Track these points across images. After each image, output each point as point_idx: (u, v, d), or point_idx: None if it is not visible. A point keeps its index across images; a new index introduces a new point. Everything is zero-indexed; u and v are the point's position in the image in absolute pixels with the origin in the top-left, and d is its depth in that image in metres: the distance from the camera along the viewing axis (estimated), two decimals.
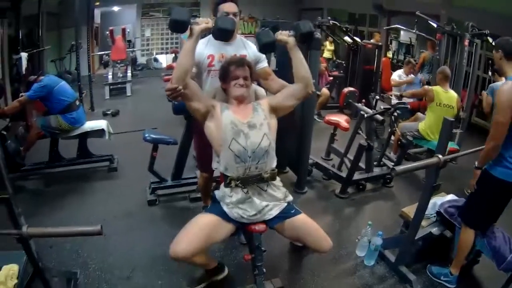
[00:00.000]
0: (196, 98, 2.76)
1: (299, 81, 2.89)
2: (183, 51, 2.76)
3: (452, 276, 3.22)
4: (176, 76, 2.66)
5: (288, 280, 3.25)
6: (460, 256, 3.21)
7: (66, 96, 4.99)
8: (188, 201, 4.51)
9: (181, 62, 2.71)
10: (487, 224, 3.12)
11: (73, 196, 4.62)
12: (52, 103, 4.88)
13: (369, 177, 5.02)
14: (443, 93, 5.21)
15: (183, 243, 2.62)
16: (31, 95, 4.78)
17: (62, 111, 4.91)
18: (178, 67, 2.71)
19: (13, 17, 7.08)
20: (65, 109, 4.93)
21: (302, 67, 2.88)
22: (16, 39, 7.04)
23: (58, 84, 4.96)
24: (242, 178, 2.72)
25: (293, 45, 2.86)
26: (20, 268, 2.63)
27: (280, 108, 2.91)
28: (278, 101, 2.92)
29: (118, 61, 10.45)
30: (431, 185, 3.01)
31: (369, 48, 8.79)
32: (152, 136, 4.43)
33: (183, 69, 2.67)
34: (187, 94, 2.71)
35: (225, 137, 2.68)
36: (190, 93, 2.72)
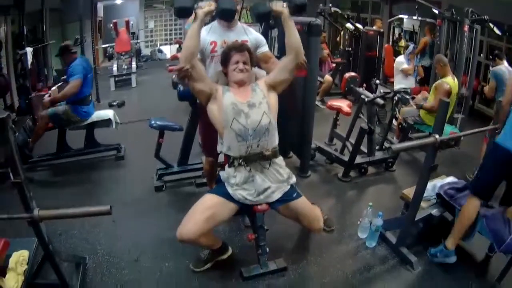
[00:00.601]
0: (202, 80, 2.88)
1: (291, 50, 2.98)
2: (189, 34, 2.88)
3: (448, 250, 3.23)
4: (183, 56, 2.81)
5: (291, 261, 3.32)
6: (458, 228, 3.21)
7: (88, 88, 5.07)
8: (194, 187, 4.59)
9: (187, 44, 2.85)
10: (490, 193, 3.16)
11: (81, 185, 4.70)
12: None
13: (371, 160, 5.06)
14: (453, 83, 5.20)
15: (188, 226, 2.76)
16: (80, 76, 4.79)
17: (77, 102, 4.95)
18: (184, 48, 2.86)
19: (17, 13, 7.12)
20: (80, 100, 4.98)
21: (294, 37, 2.97)
22: (21, 35, 7.09)
23: (90, 74, 5.06)
24: (245, 157, 2.84)
25: (287, 16, 2.95)
26: (31, 254, 2.71)
27: (276, 83, 3.01)
28: (273, 77, 3.02)
29: (122, 53, 10.46)
30: (429, 165, 3.07)
31: (371, 35, 8.81)
32: (158, 123, 4.48)
33: (189, 50, 2.81)
34: (194, 75, 2.83)
35: (226, 118, 2.79)
36: (196, 74, 2.84)
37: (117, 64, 10.24)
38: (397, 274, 3.27)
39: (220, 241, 3.20)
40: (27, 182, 2.24)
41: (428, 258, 3.40)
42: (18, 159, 2.18)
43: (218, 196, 2.90)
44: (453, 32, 6.40)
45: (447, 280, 3.18)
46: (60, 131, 5.22)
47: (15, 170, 2.17)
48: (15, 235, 3.07)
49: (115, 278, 3.13)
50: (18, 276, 2.52)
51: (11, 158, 2.15)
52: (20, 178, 2.18)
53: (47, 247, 2.46)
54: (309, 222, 3.19)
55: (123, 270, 3.22)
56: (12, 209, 2.25)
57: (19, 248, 2.69)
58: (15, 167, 2.16)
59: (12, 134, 2.14)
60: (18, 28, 7.31)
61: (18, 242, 2.75)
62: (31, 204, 2.24)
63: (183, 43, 2.95)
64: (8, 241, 2.57)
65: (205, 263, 3.18)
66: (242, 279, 3.10)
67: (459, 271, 3.27)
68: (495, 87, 5.21)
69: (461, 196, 3.39)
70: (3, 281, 2.45)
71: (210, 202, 2.88)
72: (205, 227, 2.80)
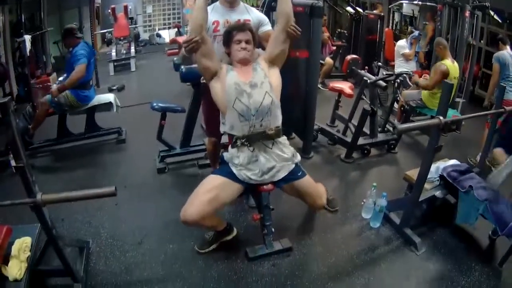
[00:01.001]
0: (210, 56, 2.87)
1: (281, 18, 2.96)
2: (195, 7, 2.86)
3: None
4: (191, 28, 2.83)
5: (296, 241, 3.33)
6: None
7: (89, 73, 5.03)
8: (196, 168, 4.60)
9: (194, 16, 2.84)
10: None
11: (83, 169, 4.69)
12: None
13: (374, 142, 5.07)
14: (453, 66, 5.19)
15: (192, 207, 2.75)
16: (85, 60, 4.77)
17: (78, 86, 4.91)
18: (192, 20, 2.88)
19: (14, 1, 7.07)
20: (81, 85, 4.94)
21: (287, 3, 2.96)
22: (19, 23, 7.04)
23: (92, 59, 5.03)
24: (247, 136, 2.83)
25: None
26: (33, 241, 2.68)
27: (274, 57, 3.00)
28: (270, 52, 3.01)
29: (121, 38, 10.45)
30: (433, 146, 3.05)
31: (372, 18, 8.79)
32: (160, 105, 4.47)
33: (197, 22, 2.79)
34: (203, 49, 2.82)
35: (229, 98, 2.78)
36: (206, 48, 2.83)
37: (116, 49, 10.20)
38: (401, 255, 3.27)
39: (224, 222, 3.20)
40: (29, 167, 2.21)
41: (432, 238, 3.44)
42: (20, 144, 2.15)
43: (222, 176, 2.89)
44: (454, 18, 6.38)
45: (450, 261, 3.19)
46: (61, 116, 5.19)
47: (17, 155, 2.14)
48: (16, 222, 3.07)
49: (119, 261, 3.13)
50: (21, 263, 2.49)
51: (13, 142, 2.12)
52: (22, 163, 2.15)
53: (51, 232, 2.45)
54: (313, 200, 3.21)
55: (127, 253, 3.22)
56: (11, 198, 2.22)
57: (22, 235, 2.66)
58: (17, 151, 2.13)
59: (14, 119, 2.10)
60: (16, 16, 7.25)
61: (20, 229, 2.73)
62: (34, 188, 2.21)
63: (191, 16, 2.93)
64: (10, 228, 2.55)
65: (210, 244, 3.17)
66: (247, 260, 3.11)
67: (462, 253, 3.28)
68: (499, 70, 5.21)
69: (464, 178, 3.39)
70: (6, 269, 2.43)
71: (214, 182, 2.87)
72: (209, 209, 2.79)
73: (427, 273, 3.08)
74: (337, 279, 2.99)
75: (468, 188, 3.25)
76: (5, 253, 2.47)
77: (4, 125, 2.06)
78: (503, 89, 3.89)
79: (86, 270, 2.96)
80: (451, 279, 3.01)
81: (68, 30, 5.01)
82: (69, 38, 4.95)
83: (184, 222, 2.79)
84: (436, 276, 3.06)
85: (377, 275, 3.02)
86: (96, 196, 2.28)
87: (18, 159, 2.15)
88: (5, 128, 2.07)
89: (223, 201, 2.89)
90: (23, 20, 7.07)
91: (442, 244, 3.39)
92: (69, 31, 4.98)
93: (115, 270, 3.04)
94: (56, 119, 5.19)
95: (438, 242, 3.42)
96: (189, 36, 2.78)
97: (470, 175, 3.43)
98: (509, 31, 7.36)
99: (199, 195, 2.81)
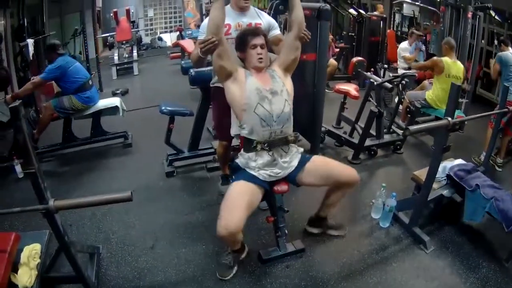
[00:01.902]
0: (226, 56, 2.83)
1: (294, 26, 2.98)
2: (212, 7, 2.84)
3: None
4: (209, 28, 2.78)
5: (308, 242, 3.35)
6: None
7: (80, 76, 5.03)
8: (205, 171, 4.60)
9: (212, 17, 2.80)
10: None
11: (90, 174, 4.69)
12: (66, 83, 4.93)
13: (380, 143, 5.10)
14: (452, 64, 5.24)
15: (234, 217, 2.61)
16: (45, 77, 4.81)
17: (76, 90, 4.95)
18: (209, 22, 2.81)
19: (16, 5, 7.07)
20: (79, 88, 4.96)
21: (299, 11, 3.00)
22: (21, 27, 7.02)
23: (73, 65, 5.00)
24: (269, 141, 2.84)
25: None
26: (42, 247, 2.66)
27: (287, 64, 3.02)
28: (284, 59, 3.02)
29: (123, 42, 10.46)
30: (441, 146, 3.09)
31: (374, 20, 8.83)
32: (169, 108, 4.45)
33: (214, 22, 2.77)
34: (220, 51, 2.79)
35: (250, 102, 2.78)
36: (222, 50, 2.80)
37: (118, 53, 10.22)
38: (411, 253, 3.30)
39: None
40: (41, 172, 2.17)
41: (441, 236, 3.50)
42: (32, 148, 2.12)
43: (246, 182, 2.84)
44: (456, 19, 6.40)
45: (458, 259, 3.23)
46: (66, 121, 5.19)
47: (29, 160, 2.10)
48: (23, 228, 3.08)
49: (131, 266, 3.13)
50: (31, 271, 2.46)
51: (24, 147, 2.09)
52: (34, 168, 2.11)
53: (63, 238, 2.39)
54: (341, 172, 3.03)
55: (139, 257, 3.21)
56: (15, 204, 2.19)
57: (30, 241, 2.63)
58: (29, 156, 2.10)
59: (24, 123, 2.08)
60: (18, 21, 7.25)
61: (28, 236, 2.71)
62: (46, 194, 2.16)
63: (209, 16, 2.91)
64: (19, 235, 2.52)
65: (231, 268, 3.04)
66: (261, 262, 3.11)
67: (470, 251, 3.33)
68: (499, 71, 5.24)
69: (470, 177, 3.44)
70: (15, 277, 2.38)
71: (243, 189, 2.80)
72: (247, 214, 2.70)
73: (437, 271, 3.10)
74: (350, 278, 3.00)
75: (475, 187, 3.30)
76: (14, 260, 2.43)
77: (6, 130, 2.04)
78: (506, 90, 3.91)
79: (98, 276, 2.95)
80: (460, 275, 3.04)
81: (51, 45, 5.06)
82: (51, 53, 4.98)
83: (224, 236, 2.62)
84: (445, 273, 3.09)
85: (388, 274, 3.05)
86: (111, 201, 2.23)
87: (30, 165, 2.11)
88: (13, 132, 2.06)
89: (254, 205, 2.84)
90: (25, 24, 7.05)
91: (450, 242, 3.43)
92: (52, 46, 5.02)
93: (128, 275, 3.03)
94: (61, 123, 5.19)
95: (446, 240, 3.45)
96: (206, 36, 2.76)
97: (476, 174, 3.49)
98: (510, 31, 7.40)
99: (233, 206, 2.68)
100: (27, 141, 2.09)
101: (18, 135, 2.09)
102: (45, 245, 2.71)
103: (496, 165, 4.95)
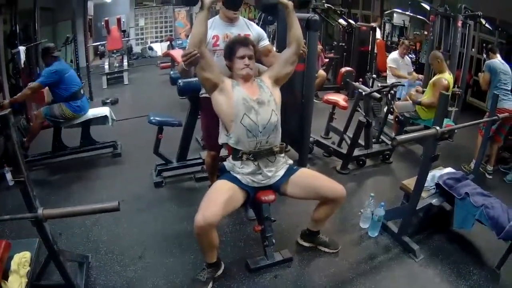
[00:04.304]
0: (209, 69, 2.87)
1: (293, 42, 3.05)
2: (196, 21, 2.89)
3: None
4: (191, 42, 2.82)
5: (296, 251, 3.36)
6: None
7: (74, 84, 5.03)
8: (194, 181, 4.59)
9: (195, 31, 2.84)
10: None
11: (79, 183, 4.67)
12: (60, 89, 4.90)
13: (369, 153, 5.13)
14: (450, 78, 5.30)
15: (211, 208, 2.66)
16: (43, 81, 4.77)
17: (67, 98, 4.93)
18: (192, 35, 2.86)
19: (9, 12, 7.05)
20: (70, 96, 4.95)
21: (297, 29, 3.06)
22: (13, 34, 7.01)
23: (69, 72, 5.01)
24: (254, 152, 2.87)
25: (291, 9, 3.02)
26: (32, 255, 2.66)
27: (279, 77, 3.06)
28: (277, 71, 3.07)
29: (114, 51, 10.42)
30: (430, 155, 3.11)
31: (364, 30, 8.88)
32: (158, 119, 4.46)
33: (198, 37, 2.80)
34: (202, 63, 2.83)
35: (237, 112, 2.81)
36: (204, 62, 2.84)
37: (108, 62, 10.17)
38: (400, 262, 3.32)
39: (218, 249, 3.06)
40: (30, 181, 2.18)
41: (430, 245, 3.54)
42: (21, 157, 2.12)
43: (229, 181, 2.89)
44: (446, 28, 6.47)
45: (449, 266, 3.25)
46: (55, 129, 5.18)
47: (18, 168, 2.11)
48: (14, 236, 3.05)
49: (120, 275, 3.12)
50: (21, 279, 2.46)
51: (13, 156, 2.09)
52: (23, 177, 2.12)
53: (52, 247, 2.42)
54: (327, 186, 3.03)
55: (128, 267, 3.21)
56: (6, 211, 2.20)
57: (21, 249, 2.63)
58: (18, 165, 2.11)
59: (14, 131, 2.08)
60: (10, 27, 7.23)
61: (19, 243, 2.70)
62: (35, 203, 2.18)
63: (192, 29, 2.94)
64: (9, 243, 2.50)
65: (206, 284, 2.99)
66: (248, 271, 3.11)
67: (460, 258, 3.36)
68: (489, 80, 5.27)
69: (460, 186, 3.47)
70: (6, 284, 2.39)
71: (225, 186, 2.86)
72: (225, 210, 2.74)
73: (427, 279, 3.13)
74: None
75: (464, 195, 3.34)
76: (5, 268, 2.42)
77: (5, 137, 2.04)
78: (496, 97, 3.94)
79: (87, 285, 2.95)
80: (451, 283, 3.08)
81: (46, 49, 5.05)
82: (46, 57, 4.98)
83: (200, 227, 2.64)
84: (435, 281, 3.11)
85: (378, 283, 3.06)
86: (99, 211, 2.27)
87: (19, 173, 2.12)
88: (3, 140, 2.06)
89: (234, 204, 2.86)
90: (17, 31, 7.02)
91: (440, 250, 3.46)
92: (47, 50, 5.01)
93: (117, 285, 3.03)
94: (50, 132, 5.18)
95: (436, 248, 3.48)
96: (187, 50, 2.80)
97: (466, 182, 3.52)
98: (500, 38, 7.48)
99: (213, 198, 2.75)
100: (17, 150, 2.09)
101: (8, 144, 2.08)
102: (35, 253, 2.70)
103: (487, 173, 5.00)
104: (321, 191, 3.01)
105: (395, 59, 7.44)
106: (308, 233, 3.41)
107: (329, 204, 3.09)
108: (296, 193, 3.04)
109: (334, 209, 3.17)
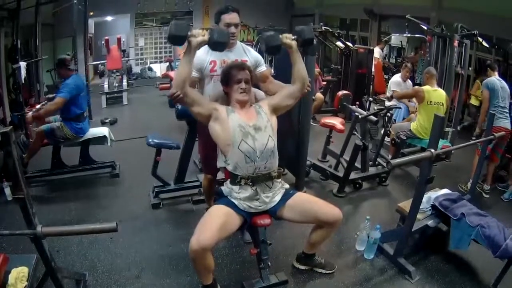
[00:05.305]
0: (197, 104, 2.93)
1: (298, 81, 3.09)
2: (181, 62, 2.94)
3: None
4: (175, 83, 2.87)
5: (292, 274, 3.37)
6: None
7: (81, 106, 5.05)
8: (191, 204, 4.60)
9: (179, 72, 2.90)
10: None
11: (77, 202, 4.67)
12: (70, 107, 4.88)
13: (365, 176, 5.15)
14: (432, 91, 5.36)
15: (207, 232, 2.68)
16: (66, 96, 4.72)
17: (72, 119, 4.95)
18: (176, 76, 2.91)
19: (10, 27, 7.10)
20: (76, 117, 4.97)
21: (302, 69, 3.09)
22: (15, 49, 7.02)
23: (83, 92, 5.05)
24: (252, 177, 2.89)
25: (295, 49, 3.05)
26: (30, 271, 2.66)
27: (279, 108, 3.11)
28: (277, 102, 3.11)
29: (113, 71, 10.41)
30: (425, 177, 3.15)
31: (362, 52, 8.96)
32: (156, 141, 4.47)
33: (181, 77, 2.85)
34: (187, 101, 2.90)
35: (234, 139, 2.85)
36: (189, 100, 2.90)
37: (108, 82, 10.15)
38: (396, 284, 3.34)
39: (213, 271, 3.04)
40: (30, 198, 2.21)
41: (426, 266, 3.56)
42: (21, 174, 2.15)
43: (226, 206, 2.91)
44: (442, 48, 6.52)
45: (445, 286, 3.29)
46: (55, 147, 5.21)
47: (18, 185, 2.15)
48: (12, 250, 3.06)
49: None
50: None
51: (13, 173, 2.12)
52: (23, 194, 2.15)
53: (50, 264, 2.44)
54: (323, 210, 3.05)
55: (124, 286, 3.22)
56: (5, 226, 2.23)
57: (18, 264, 2.64)
58: (18, 182, 2.14)
59: (14, 148, 2.11)
60: (12, 42, 7.28)
61: (17, 258, 2.73)
62: (34, 220, 2.21)
63: (177, 69, 2.99)
64: (7, 257, 2.55)
65: None
66: None
67: (456, 278, 3.40)
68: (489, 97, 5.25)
69: (456, 206, 3.53)
70: None
71: (221, 211, 2.87)
72: (219, 236, 2.75)
73: None
74: None
75: (460, 216, 3.39)
76: (2, 281, 2.45)
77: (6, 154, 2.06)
78: (492, 116, 4.00)
79: None
80: None
81: (61, 60, 5.01)
82: (62, 69, 4.97)
83: (195, 251, 2.65)
84: None
85: None
86: (97, 231, 2.31)
87: (19, 190, 2.15)
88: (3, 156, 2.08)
89: (229, 229, 2.87)
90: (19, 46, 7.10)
91: (436, 271, 3.48)
92: (62, 62, 4.98)
93: None
94: (50, 149, 5.20)
95: (432, 269, 3.51)
96: (172, 91, 2.85)
97: (462, 203, 3.58)
98: (497, 56, 7.56)
99: (208, 223, 2.77)
100: (17, 167, 2.13)
101: (8, 161, 2.11)
102: (33, 269, 2.71)
103: (484, 192, 5.03)
104: (318, 215, 3.03)
105: (397, 82, 7.40)
106: (303, 256, 3.42)
107: (325, 228, 3.13)
108: (293, 217, 3.08)
109: (330, 233, 3.21)
